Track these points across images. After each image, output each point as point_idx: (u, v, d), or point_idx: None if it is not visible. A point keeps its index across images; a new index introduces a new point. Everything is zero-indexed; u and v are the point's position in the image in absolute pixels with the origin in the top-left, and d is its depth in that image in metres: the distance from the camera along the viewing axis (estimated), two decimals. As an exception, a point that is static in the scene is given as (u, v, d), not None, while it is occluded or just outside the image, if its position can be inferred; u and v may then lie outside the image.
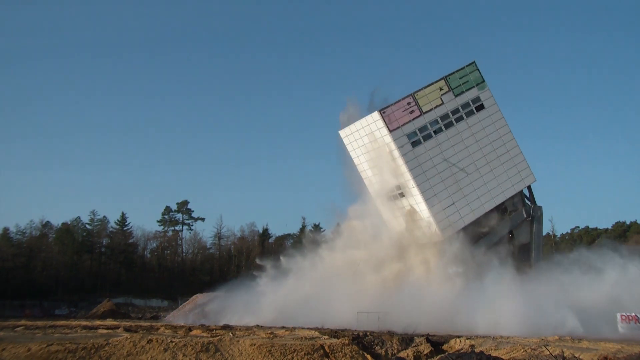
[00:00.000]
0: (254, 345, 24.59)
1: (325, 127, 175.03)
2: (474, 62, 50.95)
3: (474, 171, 49.77)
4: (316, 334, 30.72)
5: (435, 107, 48.88)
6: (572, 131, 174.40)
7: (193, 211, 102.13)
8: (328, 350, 25.37)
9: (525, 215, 52.49)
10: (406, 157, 47.54)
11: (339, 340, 27.40)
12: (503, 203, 51.08)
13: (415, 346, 28.93)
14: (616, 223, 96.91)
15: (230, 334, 30.01)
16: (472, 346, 27.31)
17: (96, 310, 62.21)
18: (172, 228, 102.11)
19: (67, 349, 22.08)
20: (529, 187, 52.85)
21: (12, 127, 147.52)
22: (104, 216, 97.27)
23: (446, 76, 49.78)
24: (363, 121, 49.49)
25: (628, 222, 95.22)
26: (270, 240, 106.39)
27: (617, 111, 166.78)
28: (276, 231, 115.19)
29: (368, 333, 31.16)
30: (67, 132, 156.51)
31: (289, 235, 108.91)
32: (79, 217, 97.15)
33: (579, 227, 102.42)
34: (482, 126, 50.37)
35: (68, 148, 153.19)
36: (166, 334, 29.43)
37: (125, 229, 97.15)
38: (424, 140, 48.31)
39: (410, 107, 47.99)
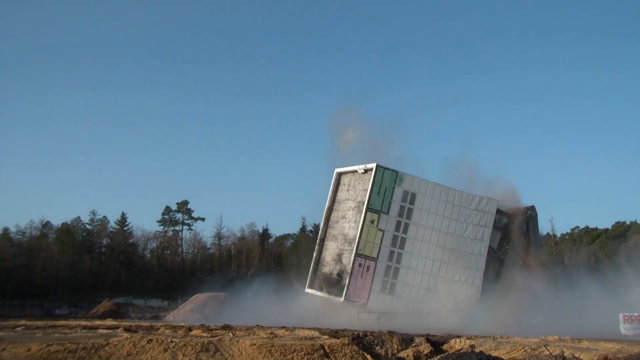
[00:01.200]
0: (254, 345, 24.59)
1: (326, 127, 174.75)
2: (376, 166, 44.87)
3: (451, 252, 46.65)
4: (316, 333, 30.69)
5: (381, 242, 44.22)
6: (572, 130, 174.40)
7: (193, 211, 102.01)
8: (328, 350, 25.37)
9: (525, 222, 52.33)
10: (392, 308, 43.28)
11: (339, 340, 27.39)
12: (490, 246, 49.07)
13: (415, 346, 28.95)
14: (616, 223, 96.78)
15: (230, 334, 30.00)
16: (472, 346, 27.32)
17: (96, 310, 62.20)
18: (172, 228, 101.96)
19: (67, 349, 22.04)
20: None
21: (12, 126, 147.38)
22: (104, 216, 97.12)
23: (367, 207, 44.14)
24: (333, 298, 44.91)
25: (628, 222, 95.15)
26: (270, 240, 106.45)
27: (617, 110, 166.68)
28: (276, 231, 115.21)
29: (368, 333, 31.17)
30: (68, 132, 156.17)
31: (289, 235, 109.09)
32: (79, 217, 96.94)
33: (579, 227, 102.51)
34: (427, 210, 46.12)
35: (68, 148, 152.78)
36: (166, 334, 29.40)
37: (125, 229, 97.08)
38: (395, 278, 44.48)
39: (363, 267, 43.45)
